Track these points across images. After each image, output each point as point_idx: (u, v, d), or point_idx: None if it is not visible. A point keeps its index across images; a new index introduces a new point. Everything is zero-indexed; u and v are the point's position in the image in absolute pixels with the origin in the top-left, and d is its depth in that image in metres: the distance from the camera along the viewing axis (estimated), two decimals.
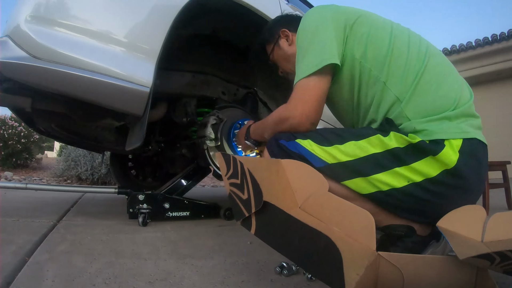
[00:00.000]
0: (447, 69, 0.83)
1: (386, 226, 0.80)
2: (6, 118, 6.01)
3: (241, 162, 0.74)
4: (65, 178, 5.19)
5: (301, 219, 0.61)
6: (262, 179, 0.68)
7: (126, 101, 1.11)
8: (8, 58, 1.01)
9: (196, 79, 1.67)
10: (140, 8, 1.16)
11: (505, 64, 6.42)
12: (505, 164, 2.03)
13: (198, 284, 0.76)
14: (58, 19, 1.05)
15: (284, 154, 0.79)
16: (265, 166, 0.69)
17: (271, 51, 1.11)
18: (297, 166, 0.66)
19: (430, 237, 0.80)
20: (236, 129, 1.47)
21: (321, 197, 0.63)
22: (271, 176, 0.66)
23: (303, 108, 0.80)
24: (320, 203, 0.62)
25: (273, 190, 0.66)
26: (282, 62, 1.10)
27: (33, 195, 2.33)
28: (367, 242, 0.55)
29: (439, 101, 0.76)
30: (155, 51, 1.14)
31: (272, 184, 0.66)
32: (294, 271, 0.82)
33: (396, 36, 0.82)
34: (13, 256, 0.87)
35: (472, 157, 0.73)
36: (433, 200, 0.73)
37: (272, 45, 1.10)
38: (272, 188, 0.66)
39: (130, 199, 1.47)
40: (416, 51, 0.81)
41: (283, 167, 0.63)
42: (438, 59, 0.82)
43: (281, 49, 1.08)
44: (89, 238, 1.16)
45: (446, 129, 0.73)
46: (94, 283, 0.74)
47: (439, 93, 0.77)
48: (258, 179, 0.69)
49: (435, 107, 0.76)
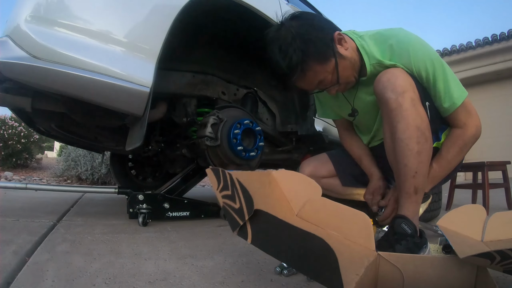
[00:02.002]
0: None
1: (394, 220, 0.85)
2: (6, 118, 6.01)
3: (230, 173, 0.74)
4: (65, 178, 5.19)
5: (299, 226, 0.61)
6: (254, 191, 0.68)
7: (126, 101, 1.11)
8: (8, 58, 1.01)
9: (196, 79, 1.67)
10: (140, 8, 1.16)
11: (505, 64, 6.42)
12: (505, 164, 2.03)
13: (198, 284, 0.76)
14: (58, 19, 1.05)
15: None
16: (256, 178, 0.68)
17: (335, 68, 0.89)
18: (288, 175, 0.65)
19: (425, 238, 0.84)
20: (236, 129, 1.47)
21: (316, 203, 0.64)
22: (264, 188, 0.65)
23: (477, 117, 0.95)
24: (316, 208, 0.62)
25: (267, 200, 0.65)
26: (346, 72, 0.92)
27: (33, 195, 2.33)
28: (366, 243, 0.55)
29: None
30: (155, 51, 1.14)
31: (266, 195, 0.65)
32: (294, 271, 0.82)
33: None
34: (13, 256, 0.87)
35: None
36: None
37: (333, 60, 0.89)
38: (266, 199, 0.65)
39: (130, 199, 1.47)
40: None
41: (275, 178, 0.63)
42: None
43: (344, 58, 0.91)
44: (89, 238, 1.16)
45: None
46: (94, 283, 0.74)
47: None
48: (249, 189, 0.69)
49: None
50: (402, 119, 0.82)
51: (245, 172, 0.70)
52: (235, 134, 1.46)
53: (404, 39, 0.90)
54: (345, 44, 0.92)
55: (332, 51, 0.89)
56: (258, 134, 1.56)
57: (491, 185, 1.83)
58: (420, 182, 0.84)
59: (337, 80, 0.91)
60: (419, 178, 0.83)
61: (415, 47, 0.89)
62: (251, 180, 0.69)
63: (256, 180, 0.68)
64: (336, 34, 0.91)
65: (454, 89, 0.90)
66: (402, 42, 0.90)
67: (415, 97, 0.84)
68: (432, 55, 0.90)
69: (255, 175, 0.70)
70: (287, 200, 0.63)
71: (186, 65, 1.62)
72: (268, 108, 1.98)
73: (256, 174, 0.71)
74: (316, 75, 0.90)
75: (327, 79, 0.91)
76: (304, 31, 0.87)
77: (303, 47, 0.85)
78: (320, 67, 0.89)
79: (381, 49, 0.93)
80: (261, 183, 0.66)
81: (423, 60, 0.88)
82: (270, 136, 1.96)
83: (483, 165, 1.87)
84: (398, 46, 0.90)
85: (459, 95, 0.90)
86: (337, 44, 0.90)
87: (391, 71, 0.87)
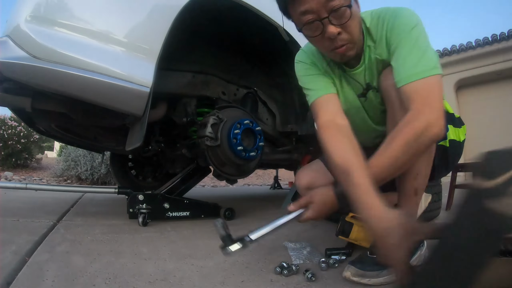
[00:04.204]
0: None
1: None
2: (6, 118, 6.01)
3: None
4: (65, 178, 5.19)
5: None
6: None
7: (126, 101, 1.11)
8: (8, 58, 1.01)
9: (196, 79, 1.67)
10: (140, 8, 1.16)
11: (505, 64, 6.42)
12: None
13: (198, 284, 0.76)
14: (58, 19, 1.05)
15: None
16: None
17: (348, 13, 0.75)
18: None
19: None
20: (236, 129, 1.47)
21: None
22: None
23: (441, 108, 0.70)
24: None
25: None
26: (356, 23, 0.79)
27: (33, 195, 2.33)
28: None
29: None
30: (155, 51, 1.14)
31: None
32: (294, 271, 0.82)
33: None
34: (13, 256, 0.87)
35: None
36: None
37: (349, 1, 0.75)
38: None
39: (130, 199, 1.47)
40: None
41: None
42: None
43: (358, 9, 0.81)
44: (89, 238, 1.16)
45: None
46: (94, 283, 0.74)
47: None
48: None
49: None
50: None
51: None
52: (235, 134, 1.46)
53: (398, 11, 0.82)
54: (359, 4, 0.82)
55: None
56: (258, 134, 1.56)
57: None
58: (420, 184, 0.83)
59: (350, 5, 0.75)
60: (420, 180, 0.82)
61: (401, 18, 0.80)
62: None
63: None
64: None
65: (420, 60, 0.73)
66: (394, 12, 0.82)
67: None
68: (415, 16, 0.79)
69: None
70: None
71: (186, 65, 1.62)
72: (268, 108, 1.98)
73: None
74: (332, 16, 0.74)
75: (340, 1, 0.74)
76: None
77: None
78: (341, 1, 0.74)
79: (377, 22, 0.85)
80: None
81: (401, 27, 0.79)
82: (270, 136, 1.96)
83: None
84: (386, 15, 0.83)
85: (421, 70, 0.72)
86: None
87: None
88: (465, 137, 1.02)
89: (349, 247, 0.97)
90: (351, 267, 0.76)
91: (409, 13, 0.81)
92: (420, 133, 0.68)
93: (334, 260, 0.88)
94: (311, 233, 1.31)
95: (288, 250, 1.02)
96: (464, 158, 1.04)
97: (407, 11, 0.81)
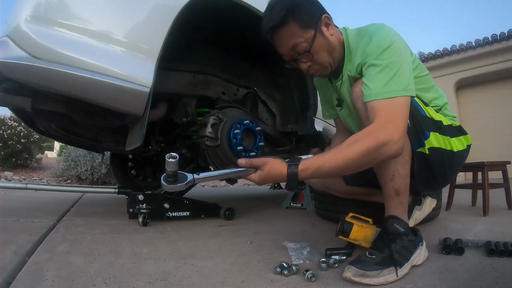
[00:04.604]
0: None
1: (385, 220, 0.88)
2: (6, 118, 6.01)
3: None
4: (65, 178, 5.19)
5: None
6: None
7: (126, 101, 1.11)
8: (8, 58, 1.01)
9: (196, 79, 1.66)
10: (140, 8, 1.16)
11: (505, 64, 6.41)
12: (505, 164, 2.03)
13: (198, 284, 0.76)
14: (58, 19, 1.05)
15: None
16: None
17: (312, 39, 0.90)
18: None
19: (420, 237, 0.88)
20: (236, 129, 1.47)
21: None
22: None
23: (404, 129, 0.77)
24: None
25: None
26: (322, 53, 0.94)
27: (33, 195, 2.33)
28: None
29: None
30: (155, 51, 1.14)
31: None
32: (294, 271, 0.82)
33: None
34: (13, 256, 0.87)
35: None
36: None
37: (313, 31, 0.91)
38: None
39: (130, 199, 1.47)
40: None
41: None
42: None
43: (324, 38, 0.93)
44: (89, 238, 1.16)
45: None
46: (94, 283, 0.74)
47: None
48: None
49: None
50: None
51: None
52: (235, 134, 1.46)
53: (375, 31, 0.90)
54: (330, 29, 0.94)
55: (315, 25, 0.91)
56: (258, 134, 1.56)
57: (491, 185, 1.83)
58: (400, 184, 0.88)
59: (309, 49, 0.91)
60: (399, 180, 0.88)
61: (377, 37, 0.87)
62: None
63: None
64: (325, 16, 0.93)
65: (390, 81, 0.79)
66: (372, 32, 0.90)
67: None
68: (392, 36, 0.86)
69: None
70: None
71: (186, 65, 1.62)
72: (268, 108, 1.98)
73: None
74: (292, 36, 0.90)
75: (302, 46, 0.91)
76: (306, 4, 0.93)
77: (290, 7, 0.88)
78: (298, 30, 0.90)
79: (357, 39, 0.95)
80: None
81: (375, 48, 0.85)
82: (270, 136, 1.96)
83: (483, 165, 1.86)
84: (366, 33, 0.91)
85: (390, 90, 0.78)
86: (323, 25, 0.93)
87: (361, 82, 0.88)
88: (465, 147, 1.01)
89: (349, 247, 0.97)
90: (351, 267, 0.76)
91: (386, 34, 0.87)
92: (381, 145, 0.74)
93: (334, 260, 0.88)
94: (311, 233, 1.31)
95: (288, 250, 1.02)
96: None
97: (384, 31, 0.88)
